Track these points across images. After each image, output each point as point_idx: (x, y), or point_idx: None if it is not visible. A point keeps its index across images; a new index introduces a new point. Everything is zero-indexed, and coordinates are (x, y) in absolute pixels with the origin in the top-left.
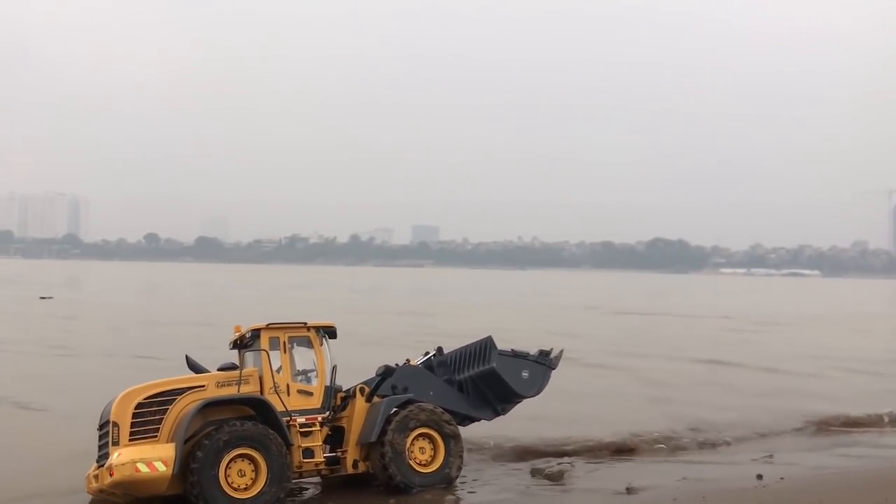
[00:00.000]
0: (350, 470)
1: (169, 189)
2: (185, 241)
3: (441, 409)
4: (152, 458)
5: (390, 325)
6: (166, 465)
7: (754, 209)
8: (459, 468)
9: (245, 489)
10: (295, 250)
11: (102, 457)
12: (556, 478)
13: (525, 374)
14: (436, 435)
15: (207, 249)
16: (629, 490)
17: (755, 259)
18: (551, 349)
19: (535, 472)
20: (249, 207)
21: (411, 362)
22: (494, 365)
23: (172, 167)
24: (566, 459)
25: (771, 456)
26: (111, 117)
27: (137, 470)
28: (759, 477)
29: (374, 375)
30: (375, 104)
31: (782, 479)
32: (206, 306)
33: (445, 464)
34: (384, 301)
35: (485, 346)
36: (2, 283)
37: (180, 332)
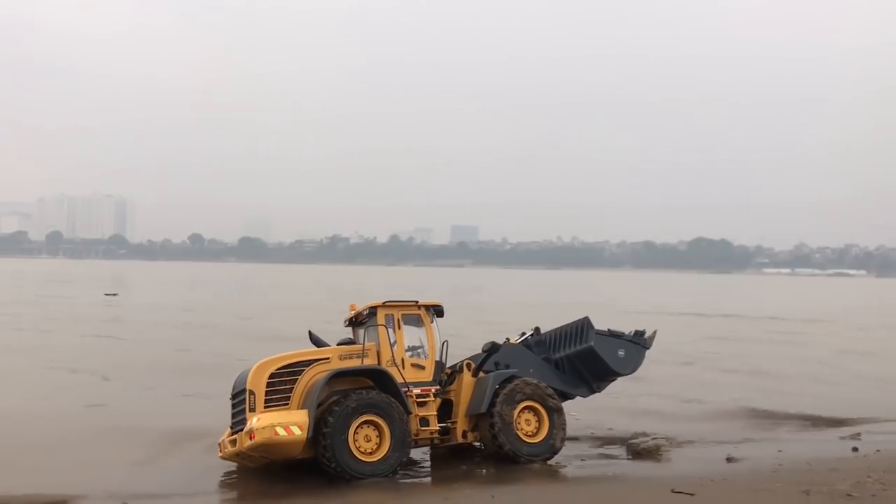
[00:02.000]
0: (459, 440)
1: (212, 191)
2: (229, 241)
3: (545, 384)
4: (289, 423)
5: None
6: (301, 430)
7: (798, 208)
8: (563, 440)
9: (371, 453)
10: (336, 250)
11: (237, 423)
12: (652, 452)
13: (621, 353)
14: (540, 408)
15: (250, 249)
16: (730, 460)
17: (799, 259)
18: (644, 330)
19: (630, 448)
20: (291, 209)
21: (510, 341)
22: (593, 343)
23: (215, 171)
24: (660, 435)
25: (858, 434)
26: (157, 123)
27: (276, 433)
28: (855, 450)
29: (480, 352)
30: (412, 109)
31: (879, 451)
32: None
33: (550, 435)
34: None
35: (582, 326)
36: (61, 282)
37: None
